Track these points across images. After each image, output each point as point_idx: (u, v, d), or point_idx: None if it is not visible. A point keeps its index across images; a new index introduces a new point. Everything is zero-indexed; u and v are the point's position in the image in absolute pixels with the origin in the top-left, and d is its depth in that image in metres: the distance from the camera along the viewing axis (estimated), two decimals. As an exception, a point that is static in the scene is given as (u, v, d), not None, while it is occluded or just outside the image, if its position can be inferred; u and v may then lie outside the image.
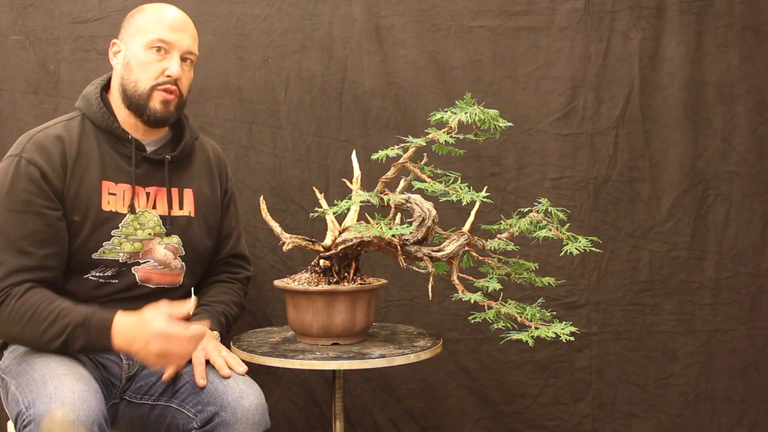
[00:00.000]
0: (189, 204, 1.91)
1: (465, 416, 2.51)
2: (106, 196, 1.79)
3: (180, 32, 1.84)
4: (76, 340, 1.66)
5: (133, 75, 1.82)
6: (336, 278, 1.87)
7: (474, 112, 1.74)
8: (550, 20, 2.46)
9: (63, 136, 1.78)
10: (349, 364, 1.78)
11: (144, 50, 1.82)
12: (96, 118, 1.82)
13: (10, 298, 1.67)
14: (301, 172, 2.45)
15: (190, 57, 1.87)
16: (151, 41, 1.81)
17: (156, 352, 1.62)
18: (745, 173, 2.49)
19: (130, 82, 1.82)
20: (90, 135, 1.81)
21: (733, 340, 2.50)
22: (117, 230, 1.80)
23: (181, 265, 1.90)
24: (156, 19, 1.84)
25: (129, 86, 1.82)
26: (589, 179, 2.48)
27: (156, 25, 1.82)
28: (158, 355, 1.63)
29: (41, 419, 1.50)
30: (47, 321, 1.66)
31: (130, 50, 1.83)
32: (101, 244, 1.78)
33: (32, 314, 1.66)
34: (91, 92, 1.85)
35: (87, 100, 1.85)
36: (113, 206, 1.80)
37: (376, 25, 2.45)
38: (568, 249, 1.75)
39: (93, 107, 1.83)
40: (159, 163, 1.86)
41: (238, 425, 1.68)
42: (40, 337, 1.66)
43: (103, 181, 1.80)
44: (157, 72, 1.82)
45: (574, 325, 1.69)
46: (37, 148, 1.75)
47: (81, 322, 1.66)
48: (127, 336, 1.65)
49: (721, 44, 2.47)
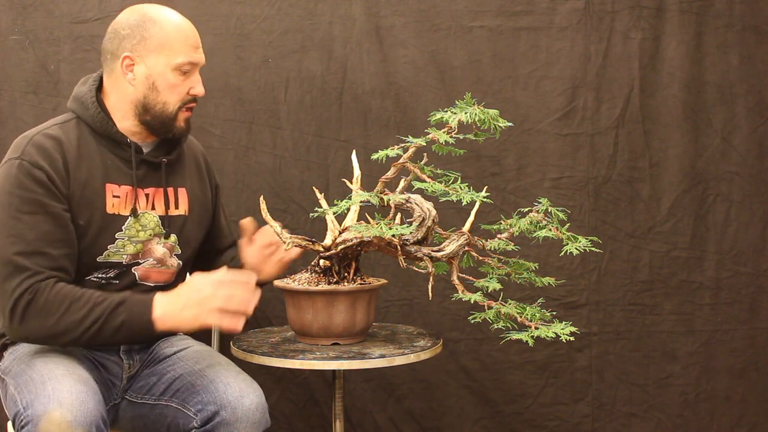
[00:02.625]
0: (184, 203, 1.92)
1: (465, 416, 2.51)
2: (110, 198, 1.78)
3: (200, 48, 1.83)
4: (116, 319, 1.63)
5: (161, 97, 1.79)
6: (336, 278, 1.87)
7: (474, 112, 1.74)
8: (550, 20, 2.46)
9: (61, 138, 1.75)
10: (349, 364, 1.78)
11: (172, 72, 1.78)
12: (93, 122, 1.79)
13: (40, 293, 1.64)
14: (301, 172, 2.45)
15: None
16: (180, 64, 1.78)
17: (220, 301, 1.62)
18: (745, 173, 2.49)
19: (158, 103, 1.79)
20: (88, 138, 1.79)
21: (733, 340, 2.50)
22: (121, 233, 1.79)
23: (176, 263, 1.90)
24: (178, 37, 1.79)
25: (155, 107, 1.79)
26: (589, 179, 2.48)
27: (181, 45, 1.78)
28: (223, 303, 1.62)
29: (39, 420, 1.50)
30: (86, 307, 1.63)
31: (153, 70, 1.78)
32: (106, 247, 1.78)
33: (69, 303, 1.64)
34: (85, 94, 1.81)
35: (82, 103, 1.81)
36: (117, 209, 1.79)
37: (376, 25, 2.45)
38: (568, 249, 1.75)
39: (90, 111, 1.79)
40: (156, 165, 1.86)
41: (239, 424, 1.69)
42: (80, 324, 1.63)
43: (106, 184, 1.78)
44: (184, 93, 1.81)
45: (574, 325, 1.69)
46: (38, 150, 1.71)
47: (121, 300, 1.65)
48: (174, 304, 1.65)
49: (721, 44, 2.47)
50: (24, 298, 1.63)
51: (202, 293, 1.64)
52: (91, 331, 1.63)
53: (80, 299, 1.64)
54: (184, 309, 1.64)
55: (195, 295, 1.64)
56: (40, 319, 1.64)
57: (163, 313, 1.65)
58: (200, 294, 1.64)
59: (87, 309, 1.63)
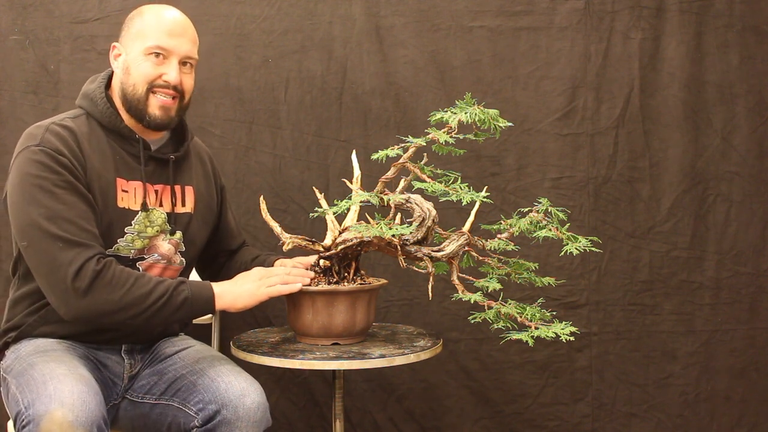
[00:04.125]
0: (190, 201, 1.94)
1: (465, 416, 2.51)
2: (120, 192, 1.80)
3: (178, 37, 1.84)
4: (180, 295, 1.71)
5: (131, 79, 1.82)
6: (336, 278, 1.87)
7: (474, 112, 1.74)
8: (550, 20, 2.46)
9: (75, 130, 1.78)
10: (349, 364, 1.77)
11: (143, 56, 1.81)
12: (102, 117, 1.82)
13: (107, 267, 1.68)
14: (301, 172, 2.46)
15: (190, 61, 1.87)
16: (149, 47, 1.81)
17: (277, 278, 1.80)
18: (745, 173, 2.49)
19: (129, 86, 1.83)
20: (98, 133, 1.82)
21: (733, 340, 2.50)
22: (130, 227, 1.81)
23: (180, 261, 1.91)
24: (155, 24, 1.83)
25: (128, 90, 1.83)
26: (589, 179, 2.48)
27: (155, 30, 1.82)
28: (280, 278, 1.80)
29: (40, 420, 1.50)
30: (151, 283, 1.70)
31: (129, 55, 1.83)
32: (116, 241, 1.80)
33: (135, 279, 1.69)
34: (95, 91, 1.85)
35: (91, 99, 1.84)
36: (127, 203, 1.81)
37: (376, 25, 2.45)
38: (568, 249, 1.75)
39: (99, 106, 1.83)
40: (164, 162, 1.88)
41: (240, 423, 1.69)
42: (146, 297, 1.68)
43: (117, 178, 1.80)
44: (154, 76, 1.82)
45: (574, 325, 1.69)
46: (56, 138, 1.74)
47: (183, 280, 1.76)
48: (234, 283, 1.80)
49: (721, 44, 2.47)
50: (89, 270, 1.65)
51: (259, 272, 1.82)
52: (157, 305, 1.69)
53: (143, 276, 1.72)
54: (243, 284, 1.79)
55: (253, 274, 1.82)
56: (107, 292, 1.66)
57: (222, 290, 1.77)
58: (258, 273, 1.82)
59: (152, 285, 1.70)
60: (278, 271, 1.83)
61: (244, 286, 1.78)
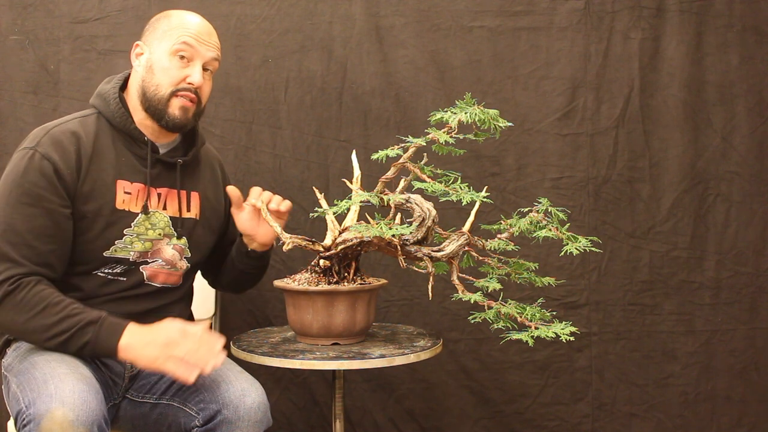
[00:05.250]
0: (195, 207, 1.93)
1: (465, 416, 2.51)
2: (120, 194, 1.80)
3: (205, 42, 1.85)
4: (83, 337, 1.65)
5: (155, 79, 1.82)
6: (336, 278, 1.87)
7: (474, 112, 1.74)
8: (550, 20, 2.46)
9: (79, 133, 1.78)
10: (349, 364, 1.77)
11: (168, 56, 1.82)
12: (113, 117, 1.83)
13: (22, 288, 1.66)
14: (301, 172, 2.46)
15: (210, 68, 1.89)
16: (176, 48, 1.82)
17: (183, 352, 1.63)
18: (745, 173, 2.49)
19: (151, 85, 1.83)
20: (106, 133, 1.82)
21: (733, 340, 2.50)
22: (129, 229, 1.81)
23: (185, 266, 1.91)
24: (182, 26, 1.84)
25: (150, 89, 1.83)
26: (589, 179, 2.48)
27: (183, 31, 1.83)
28: (184, 354, 1.63)
29: (41, 419, 1.50)
30: (59, 315, 1.65)
31: (154, 54, 1.83)
32: (113, 242, 1.79)
33: (44, 306, 1.65)
34: (108, 91, 1.86)
35: (104, 98, 1.85)
36: (127, 205, 1.81)
37: (376, 25, 2.45)
38: (568, 249, 1.75)
39: (110, 106, 1.83)
40: (171, 166, 1.88)
41: (240, 423, 1.69)
42: (46, 330, 1.65)
43: (118, 180, 1.80)
44: (179, 78, 1.83)
45: (574, 325, 1.69)
46: (52, 142, 1.74)
47: (94, 320, 1.66)
48: (141, 339, 1.65)
49: (721, 44, 2.48)
50: (2, 288, 1.66)
51: (169, 338, 1.65)
52: (55, 340, 1.66)
53: (56, 305, 1.66)
54: (147, 346, 1.65)
55: (162, 338, 1.65)
56: (12, 314, 1.66)
57: (128, 343, 1.65)
58: (168, 338, 1.65)
59: (58, 318, 1.65)
60: (186, 345, 1.65)
61: (148, 350, 1.65)
